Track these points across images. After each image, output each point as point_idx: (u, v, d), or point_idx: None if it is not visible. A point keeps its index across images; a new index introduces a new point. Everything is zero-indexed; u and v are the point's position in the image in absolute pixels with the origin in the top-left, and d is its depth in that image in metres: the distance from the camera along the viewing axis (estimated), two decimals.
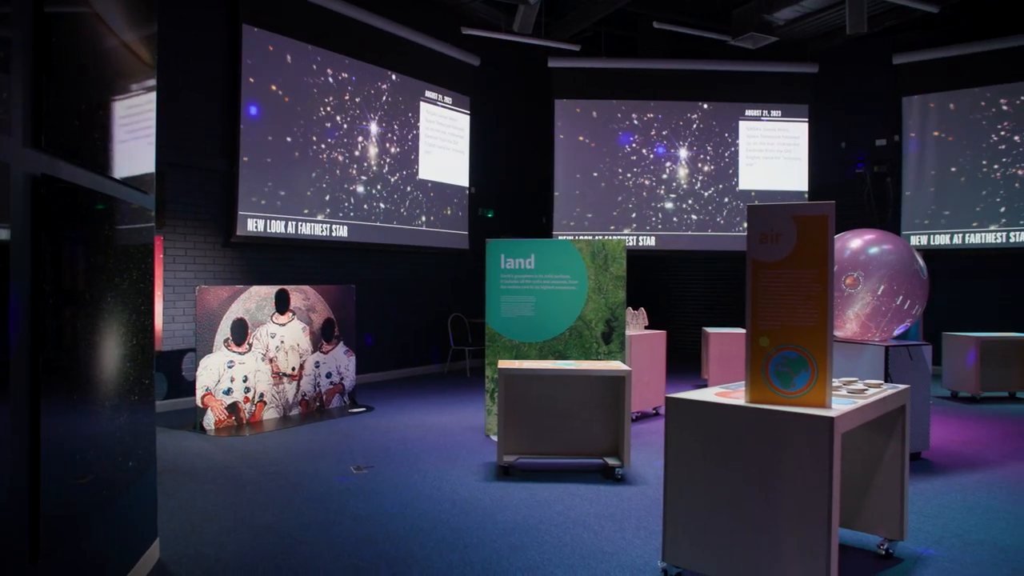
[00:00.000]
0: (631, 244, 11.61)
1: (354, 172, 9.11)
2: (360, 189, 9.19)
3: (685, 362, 11.11)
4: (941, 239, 10.88)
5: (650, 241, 11.74)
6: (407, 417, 7.08)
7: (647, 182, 11.77)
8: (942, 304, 10.04)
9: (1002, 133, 10.53)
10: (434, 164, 10.38)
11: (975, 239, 10.67)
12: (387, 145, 9.60)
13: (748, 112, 11.79)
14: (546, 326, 6.20)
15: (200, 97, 7.57)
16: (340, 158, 8.92)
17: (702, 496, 3.05)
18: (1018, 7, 10.29)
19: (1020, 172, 10.39)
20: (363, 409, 7.43)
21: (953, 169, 10.84)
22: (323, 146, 8.70)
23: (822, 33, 11.35)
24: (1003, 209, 10.49)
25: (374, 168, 9.39)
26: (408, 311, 10.10)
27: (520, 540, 3.75)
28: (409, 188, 9.96)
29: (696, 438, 3.06)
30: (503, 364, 5.13)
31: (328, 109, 8.76)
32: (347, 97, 9.01)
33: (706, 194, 11.80)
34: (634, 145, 11.77)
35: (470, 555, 3.54)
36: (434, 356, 10.57)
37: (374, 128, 9.38)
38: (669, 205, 11.78)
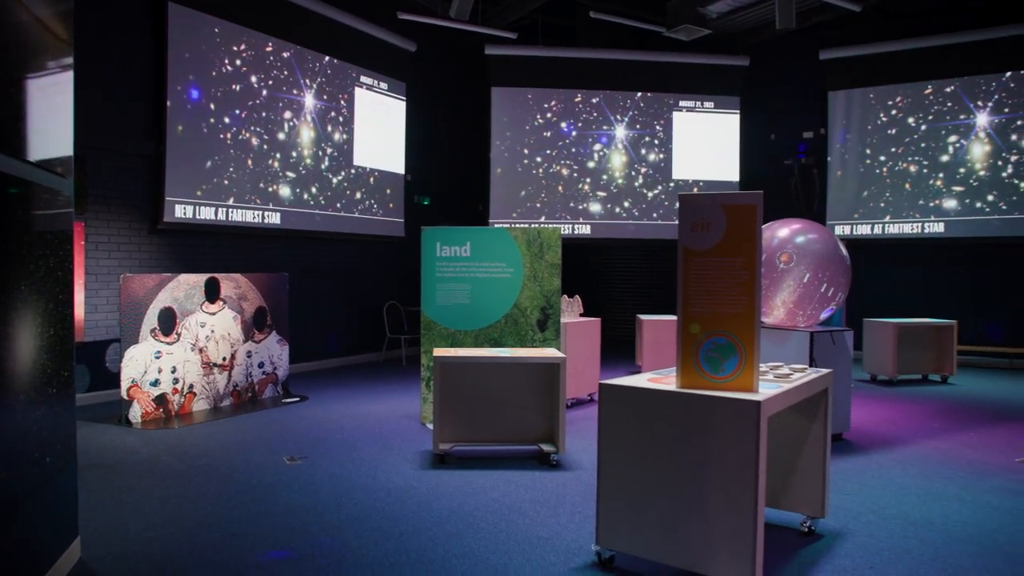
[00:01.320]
0: (567, 232, 11.71)
1: (288, 158, 8.91)
2: (293, 175, 8.99)
3: (620, 349, 11.28)
4: (863, 229, 11.31)
5: (585, 229, 11.86)
6: (342, 406, 6.99)
7: (583, 171, 11.87)
8: (863, 292, 10.45)
9: (922, 128, 10.98)
10: (369, 151, 10.23)
11: (894, 229, 11.13)
12: (321, 131, 9.42)
13: (682, 103, 12.00)
14: (482, 314, 6.20)
15: (124, 78, 7.27)
16: (273, 143, 8.71)
17: (634, 480, 3.11)
18: (932, 10, 10.73)
19: (936, 166, 10.87)
20: (297, 399, 7.31)
21: (874, 162, 11.27)
22: (255, 130, 8.47)
23: (753, 27, 11.61)
24: (920, 202, 10.96)
25: (308, 154, 9.20)
26: (343, 299, 9.97)
27: (456, 527, 3.76)
28: (344, 175, 9.80)
29: (629, 423, 3.12)
30: (438, 352, 5.12)
31: (261, 93, 8.54)
32: (280, 81, 8.80)
33: (641, 183, 11.98)
34: (571, 134, 11.85)
35: (405, 543, 3.53)
36: (370, 345, 10.47)
37: (308, 113, 9.19)
38: (605, 194, 11.91)
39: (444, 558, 3.35)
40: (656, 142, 11.99)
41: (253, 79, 8.45)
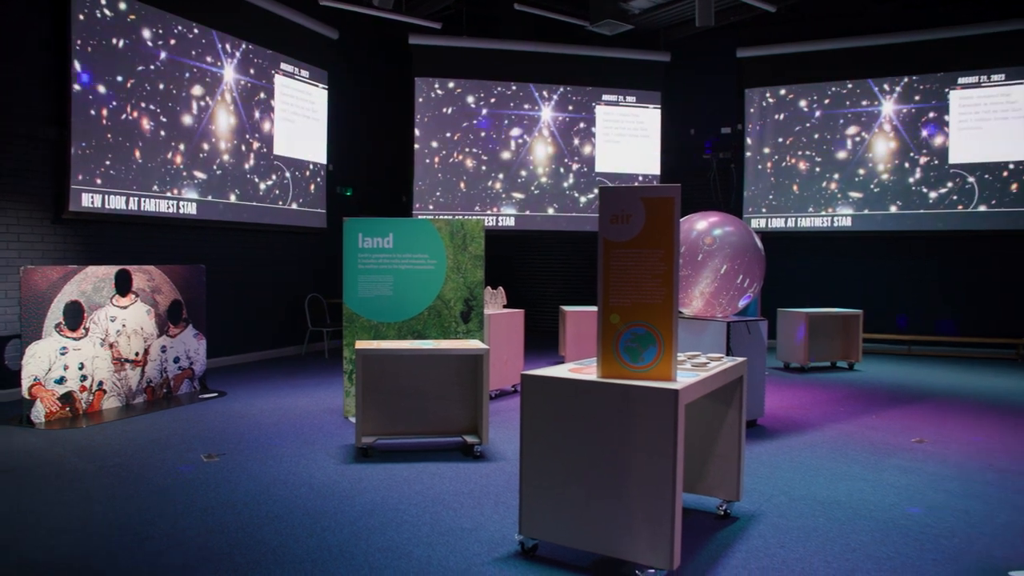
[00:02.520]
0: (490, 224, 11.73)
1: (204, 146, 8.61)
2: (210, 164, 8.70)
3: (544, 340, 11.39)
4: (777, 222, 11.73)
5: (509, 221, 11.90)
6: (262, 401, 6.83)
7: (507, 163, 11.90)
8: (777, 283, 10.86)
9: (831, 126, 11.46)
10: (290, 140, 9.99)
11: (806, 223, 11.60)
12: (240, 118, 9.13)
13: (605, 97, 12.16)
14: (405, 306, 6.16)
15: (23, 59, 6.87)
16: (189, 130, 8.39)
17: (556, 469, 3.15)
18: (843, 13, 11.19)
19: (845, 162, 11.36)
20: (215, 395, 7.09)
21: (787, 158, 11.70)
22: (170, 117, 8.14)
23: (674, 24, 11.86)
24: (830, 196, 11.45)
25: (226, 142, 8.91)
26: (264, 292, 9.72)
27: (379, 521, 3.73)
28: (263, 164, 9.54)
29: (550, 413, 3.15)
30: (360, 345, 5.06)
31: (176, 77, 8.21)
32: (197, 66, 8.48)
33: (564, 176, 12.09)
34: (495, 126, 11.86)
35: (327, 539, 3.48)
36: (291, 338, 10.25)
37: (226, 100, 8.89)
38: (528, 186, 11.98)
39: (367, 552, 3.32)
40: (579, 135, 12.12)
41: (169, 64, 8.11)
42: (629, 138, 12.24)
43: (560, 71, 12.01)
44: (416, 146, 11.63)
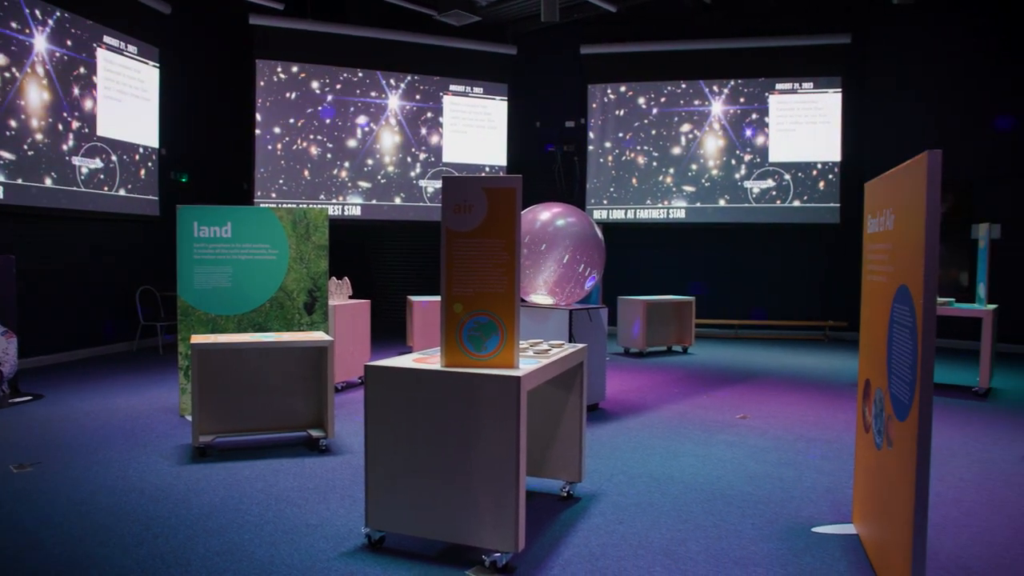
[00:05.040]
0: (336, 213, 11.47)
1: (12, 122, 7.78)
2: (22, 143, 7.88)
3: (391, 331, 11.30)
4: (617, 214, 12.27)
5: (355, 211, 11.69)
6: (86, 403, 6.32)
7: (353, 151, 11.67)
8: (617, 271, 11.37)
9: (667, 123, 12.11)
10: (116, 120, 9.24)
11: (644, 215, 12.21)
12: (57, 94, 8.33)
13: (452, 87, 12.18)
14: (245, 298, 5.90)
15: None
16: None
17: (402, 460, 3.15)
18: (678, 17, 11.84)
19: (679, 157, 12.06)
20: (29, 398, 6.48)
21: (627, 152, 12.25)
22: None
23: (521, 18, 12.07)
24: (665, 189, 12.11)
25: (40, 120, 8.11)
26: (88, 285, 8.97)
27: (218, 523, 3.57)
28: (86, 145, 8.78)
29: (395, 404, 3.15)
30: (196, 339, 4.80)
31: None
32: (5, 36, 7.65)
33: (411, 165, 12.02)
34: (340, 112, 11.57)
35: (160, 546, 3.29)
36: (121, 334, 9.54)
37: (37, 72, 8.09)
38: (375, 175, 11.81)
39: (205, 556, 3.17)
40: (426, 125, 12.08)
41: None
42: (476, 129, 12.35)
43: (408, 60, 11.90)
44: (257, 132, 11.13)
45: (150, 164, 9.86)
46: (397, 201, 11.91)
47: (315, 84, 11.42)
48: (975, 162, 10.39)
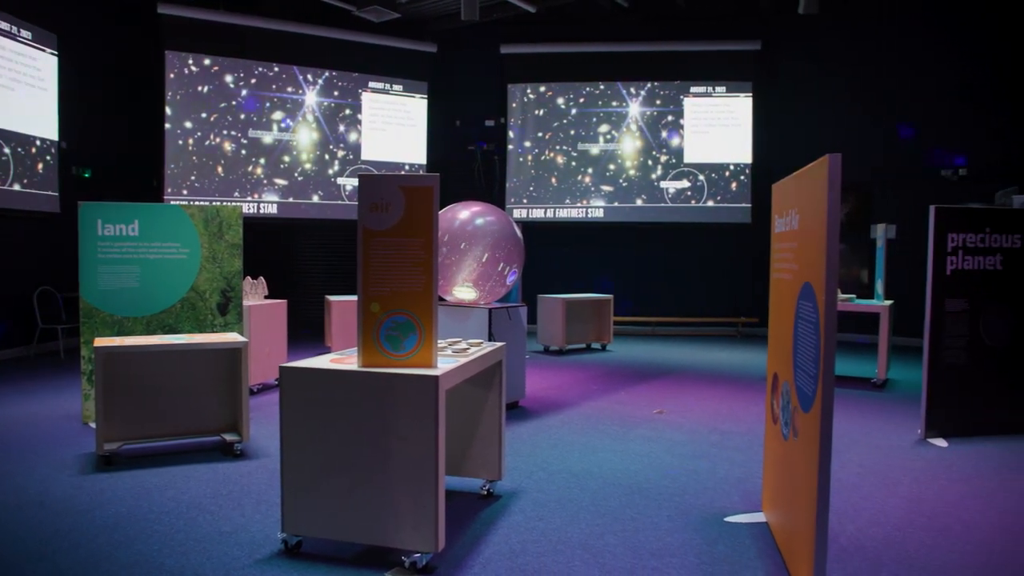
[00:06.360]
0: (251, 211, 11.16)
1: None
2: None
3: (310, 331, 11.07)
4: (537, 213, 12.37)
5: (271, 209, 11.40)
6: None
7: (269, 147, 11.38)
8: (537, 270, 11.47)
9: (586, 123, 12.28)
10: (9, 110, 8.70)
11: (563, 214, 12.36)
12: None
13: (372, 84, 12.03)
14: (154, 298, 5.67)
15: None
16: None
17: (319, 462, 3.09)
18: (597, 19, 12.02)
19: (598, 157, 12.25)
20: None
21: (546, 151, 12.37)
22: None
23: (440, 16, 12.01)
24: (584, 189, 12.29)
25: None
26: None
27: (124, 535, 3.42)
28: None
29: (311, 405, 3.09)
30: (100, 342, 4.59)
31: None
32: None
33: (329, 162, 11.81)
34: (255, 107, 11.26)
35: (60, 562, 3.12)
36: (17, 338, 9.01)
37: None
38: (292, 172, 11.55)
39: (110, 571, 3.04)
40: (344, 122, 11.89)
41: None
42: (396, 127, 12.23)
43: (326, 55, 11.67)
44: (167, 126, 10.71)
45: (49, 158, 9.34)
46: (315, 199, 11.68)
47: (229, 78, 11.07)
48: (875, 165, 10.96)
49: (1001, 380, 5.54)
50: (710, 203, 11.98)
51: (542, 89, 12.36)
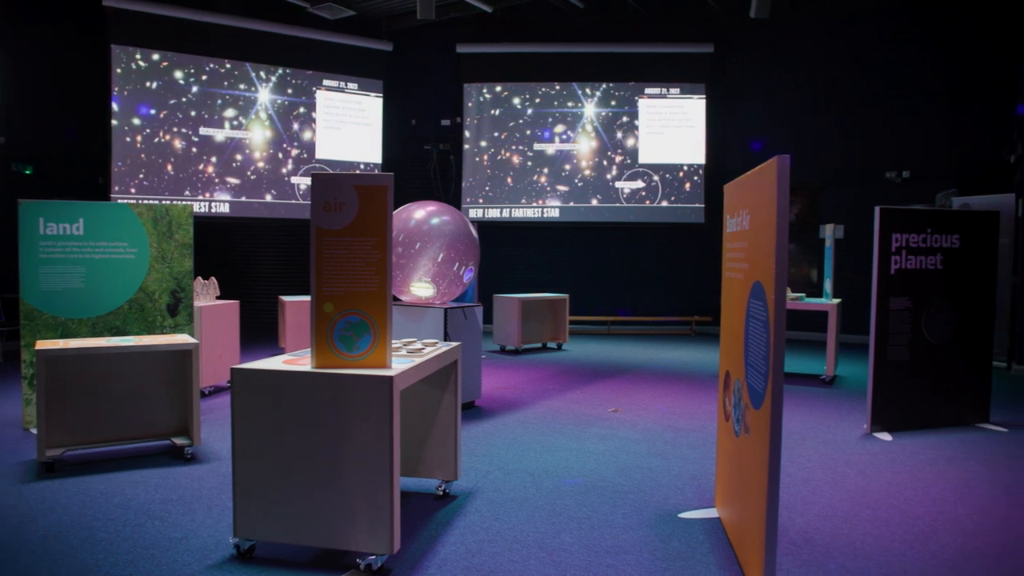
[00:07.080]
0: (203, 210, 10.94)
1: None
2: None
3: (263, 332, 10.91)
4: (493, 212, 12.37)
5: (223, 208, 11.19)
6: None
7: (220, 145, 11.16)
8: (493, 270, 11.48)
9: (542, 123, 12.32)
10: None
11: (519, 214, 12.37)
12: None
13: (326, 82, 11.89)
14: (100, 300, 5.52)
15: None
16: None
17: (271, 465, 3.04)
18: (553, 20, 12.07)
19: (554, 157, 12.30)
20: None
21: (501, 151, 12.38)
22: None
23: (396, 14, 11.93)
24: (540, 189, 12.33)
25: None
26: None
27: (67, 544, 3.32)
28: None
29: (263, 407, 3.04)
30: (41, 345, 4.44)
31: None
32: None
33: (283, 161, 11.64)
34: (206, 104, 11.04)
35: None
36: None
37: None
38: (245, 171, 11.35)
39: None
40: (299, 120, 11.73)
41: None
42: (351, 125, 12.11)
43: (279, 52, 11.50)
44: (114, 122, 10.44)
45: None
46: (268, 198, 11.50)
47: (179, 74, 10.83)
48: (823, 166, 11.22)
49: (942, 375, 5.72)
50: (664, 203, 12.12)
51: (498, 89, 12.37)
